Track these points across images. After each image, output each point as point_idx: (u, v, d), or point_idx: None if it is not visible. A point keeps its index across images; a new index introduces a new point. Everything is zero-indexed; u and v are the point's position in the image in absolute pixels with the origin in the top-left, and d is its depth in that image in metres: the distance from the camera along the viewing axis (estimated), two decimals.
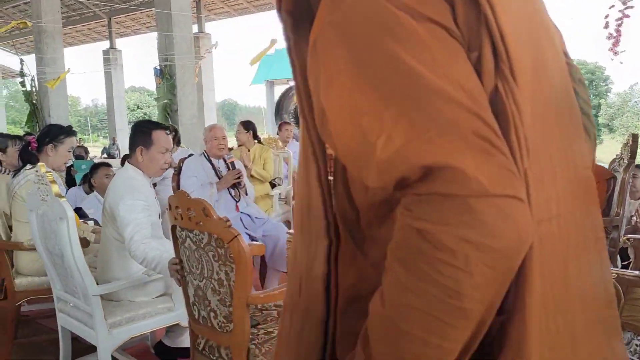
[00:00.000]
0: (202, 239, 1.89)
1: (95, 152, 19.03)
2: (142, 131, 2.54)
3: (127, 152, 2.82)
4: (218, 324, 1.92)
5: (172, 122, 9.23)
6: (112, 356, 2.39)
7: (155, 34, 10.10)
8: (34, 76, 11.64)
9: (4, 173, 3.71)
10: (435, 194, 0.53)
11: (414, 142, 0.55)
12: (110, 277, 2.47)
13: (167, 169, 2.82)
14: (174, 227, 2.00)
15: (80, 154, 8.96)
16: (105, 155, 16.88)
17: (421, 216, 0.54)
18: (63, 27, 14.70)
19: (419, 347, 0.55)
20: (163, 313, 2.48)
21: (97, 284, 2.33)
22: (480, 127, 0.55)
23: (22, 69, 12.14)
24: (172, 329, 2.71)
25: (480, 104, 0.57)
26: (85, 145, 16.63)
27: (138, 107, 38.04)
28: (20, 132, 12.60)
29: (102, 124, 43.22)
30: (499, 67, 0.59)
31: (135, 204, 2.38)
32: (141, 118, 37.06)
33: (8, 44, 20.54)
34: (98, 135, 42.45)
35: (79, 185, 5.31)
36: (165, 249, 2.28)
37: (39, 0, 11.14)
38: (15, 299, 2.87)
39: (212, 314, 1.94)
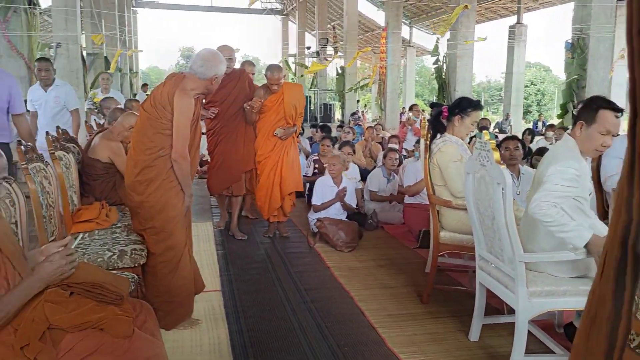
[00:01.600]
0: None
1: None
2: (590, 106, 2.45)
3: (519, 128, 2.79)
4: None
5: (577, 100, 8.69)
6: None
7: (567, 6, 9.56)
8: (446, 53, 12.75)
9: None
10: None
11: None
12: (536, 247, 2.52)
13: (601, 153, 2.66)
14: None
15: (485, 125, 9.38)
16: (496, 130, 17.28)
17: None
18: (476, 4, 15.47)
19: None
20: (582, 295, 2.40)
21: None
22: None
23: (437, 47, 13.45)
24: None
25: None
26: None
27: (532, 83, 37.22)
28: (423, 105, 14.29)
29: (492, 100, 44.21)
30: None
31: (567, 170, 2.35)
32: (532, 94, 36.18)
33: (424, 25, 22.94)
34: (487, 111, 43.65)
35: None
36: (584, 225, 2.23)
37: None
38: (439, 249, 3.28)
39: None
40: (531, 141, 7.76)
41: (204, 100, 4.34)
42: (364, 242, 4.70)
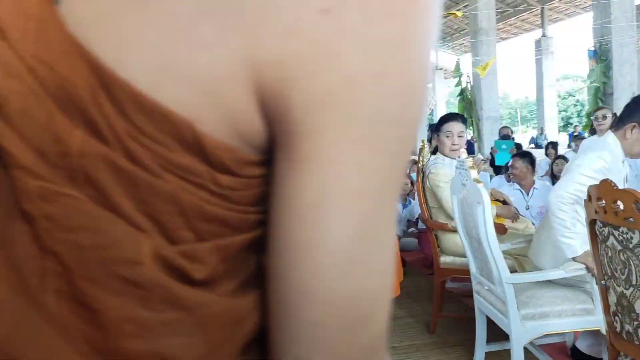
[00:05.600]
0: (631, 238, 1.59)
1: (523, 143, 19.22)
2: None
3: (553, 140, 2.71)
4: None
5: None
6: (526, 349, 2.33)
7: (590, 14, 9.33)
8: (468, 74, 12.61)
9: None
10: None
11: None
12: (540, 264, 2.41)
13: None
14: (593, 222, 1.76)
15: (507, 133, 9.15)
16: (532, 145, 16.81)
17: None
18: (497, 23, 15.32)
19: None
20: (581, 315, 2.24)
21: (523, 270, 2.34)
22: None
23: (458, 67, 13.34)
24: (591, 334, 2.43)
25: None
26: (514, 136, 17.05)
27: (569, 94, 36.28)
28: None
29: (531, 115, 43.31)
30: None
31: (596, 162, 2.20)
32: (572, 106, 35.26)
33: (448, 45, 22.85)
34: (527, 127, 42.69)
35: (503, 174, 5.45)
36: (583, 238, 2.12)
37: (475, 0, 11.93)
38: (440, 275, 3.15)
39: (639, 330, 1.63)
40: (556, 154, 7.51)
41: None
42: None
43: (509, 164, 4.28)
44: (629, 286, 1.64)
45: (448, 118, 3.23)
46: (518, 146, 7.86)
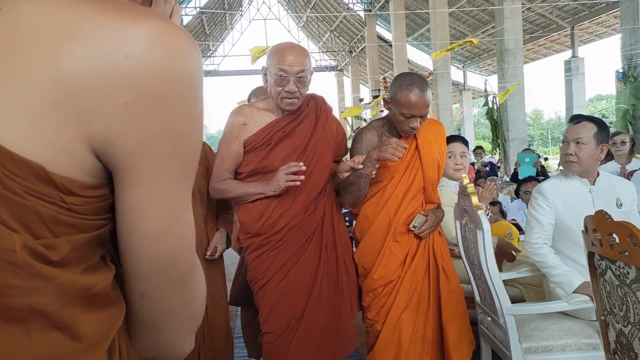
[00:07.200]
0: (628, 273, 1.52)
1: (553, 165, 18.82)
2: None
3: None
4: None
5: (634, 131, 8.16)
6: None
7: (619, 36, 9.15)
8: (495, 94, 12.44)
9: None
10: None
11: None
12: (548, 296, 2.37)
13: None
14: (591, 254, 1.69)
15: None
16: (562, 167, 16.44)
17: None
18: (525, 44, 15.18)
19: None
20: (586, 350, 2.15)
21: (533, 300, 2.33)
22: None
23: (485, 88, 13.20)
24: None
25: None
26: (547, 156, 16.65)
27: (603, 116, 35.48)
28: (489, 147, 14.13)
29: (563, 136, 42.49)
30: None
31: (533, 199, 2.35)
32: None
33: (476, 65, 22.69)
34: (559, 148, 41.93)
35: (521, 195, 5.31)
36: (573, 270, 2.18)
37: (501, 21, 11.82)
38: None
39: None
40: None
41: (238, 171, 2.23)
42: None
43: (522, 190, 4.16)
44: (627, 323, 1.56)
45: (449, 140, 3.13)
46: (542, 171, 7.66)
